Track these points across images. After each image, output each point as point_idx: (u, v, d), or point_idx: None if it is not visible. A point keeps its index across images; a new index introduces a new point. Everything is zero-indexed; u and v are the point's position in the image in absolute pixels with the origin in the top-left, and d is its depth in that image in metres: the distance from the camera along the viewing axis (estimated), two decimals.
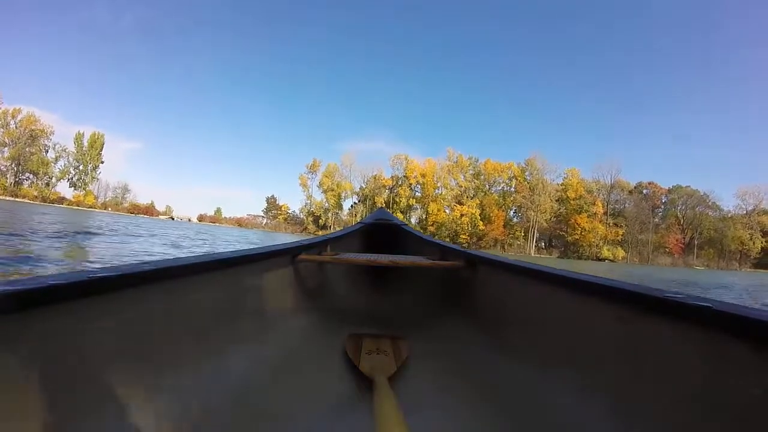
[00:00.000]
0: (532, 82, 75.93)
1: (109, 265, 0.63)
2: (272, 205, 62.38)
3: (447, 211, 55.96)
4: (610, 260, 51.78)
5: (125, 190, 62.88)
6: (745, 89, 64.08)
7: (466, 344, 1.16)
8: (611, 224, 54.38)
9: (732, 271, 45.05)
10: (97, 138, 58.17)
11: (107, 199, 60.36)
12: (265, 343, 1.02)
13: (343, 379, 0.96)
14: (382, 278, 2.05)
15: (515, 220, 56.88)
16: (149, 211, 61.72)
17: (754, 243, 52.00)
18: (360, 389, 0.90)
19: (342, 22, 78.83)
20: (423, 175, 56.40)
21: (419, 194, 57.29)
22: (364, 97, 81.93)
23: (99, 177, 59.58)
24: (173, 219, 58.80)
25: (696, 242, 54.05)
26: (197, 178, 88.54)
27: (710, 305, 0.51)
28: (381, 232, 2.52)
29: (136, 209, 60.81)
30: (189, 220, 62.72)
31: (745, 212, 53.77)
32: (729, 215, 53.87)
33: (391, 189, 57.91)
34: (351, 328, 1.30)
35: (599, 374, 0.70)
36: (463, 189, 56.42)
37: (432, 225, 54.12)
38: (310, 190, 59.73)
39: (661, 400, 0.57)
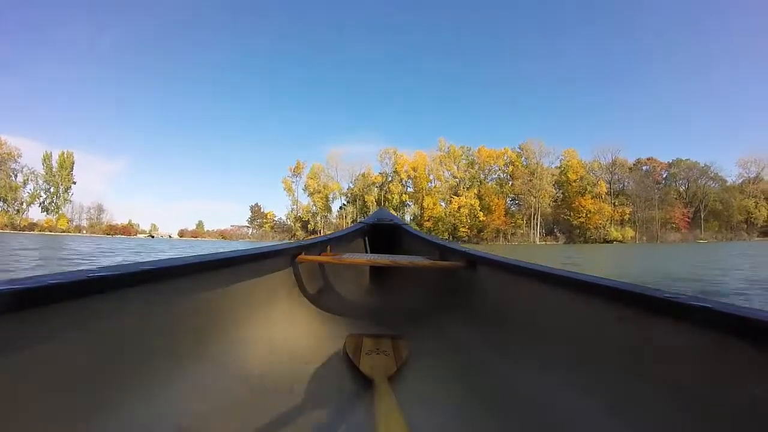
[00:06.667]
0: (520, 70, 74.74)
1: (109, 265, 0.63)
2: (257, 213, 59.03)
3: (443, 204, 53.17)
4: (619, 241, 49.19)
5: (100, 210, 59.38)
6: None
7: (466, 344, 1.16)
8: (616, 204, 52.05)
9: (742, 242, 42.87)
10: (66, 158, 54.72)
11: (82, 222, 56.61)
12: (264, 343, 1.03)
13: (343, 379, 0.96)
14: (382, 278, 2.12)
15: (513, 208, 54.32)
16: (127, 230, 58.04)
17: (759, 211, 50.14)
18: (360, 389, 0.89)
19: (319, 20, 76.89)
20: (414, 169, 53.78)
21: (411, 189, 54.54)
22: (350, 98, 79.81)
23: (71, 199, 56.07)
24: (153, 237, 55.17)
25: (702, 215, 51.96)
26: (181, 194, 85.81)
27: (710, 305, 0.51)
28: (381, 232, 2.52)
29: (112, 230, 57.11)
30: (169, 236, 59.27)
31: (748, 180, 52.06)
32: (732, 185, 52.09)
33: (381, 186, 55.06)
34: (351, 328, 1.31)
35: (599, 374, 0.70)
36: (458, 180, 53.82)
37: (428, 220, 51.23)
38: (296, 194, 56.82)
39: (661, 400, 0.57)
